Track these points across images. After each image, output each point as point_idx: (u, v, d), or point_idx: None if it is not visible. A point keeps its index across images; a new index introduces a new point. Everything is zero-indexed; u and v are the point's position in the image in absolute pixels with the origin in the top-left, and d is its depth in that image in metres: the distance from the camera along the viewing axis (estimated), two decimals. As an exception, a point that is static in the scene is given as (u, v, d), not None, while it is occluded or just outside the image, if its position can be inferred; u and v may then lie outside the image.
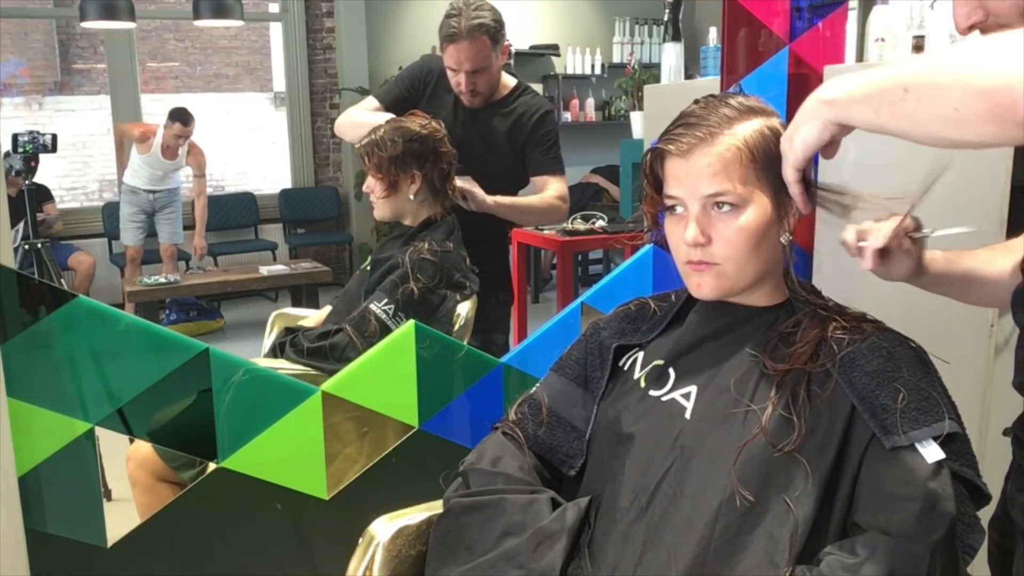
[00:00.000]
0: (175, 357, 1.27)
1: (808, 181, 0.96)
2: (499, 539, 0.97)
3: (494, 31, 2.10)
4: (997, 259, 1.07)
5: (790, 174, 0.93)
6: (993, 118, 0.64)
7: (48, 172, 5.01)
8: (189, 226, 5.25)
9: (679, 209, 0.99)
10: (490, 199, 2.10)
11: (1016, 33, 0.64)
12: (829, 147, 0.91)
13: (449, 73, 2.15)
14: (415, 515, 1.11)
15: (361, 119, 2.17)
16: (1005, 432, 1.02)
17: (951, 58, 0.69)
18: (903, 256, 1.02)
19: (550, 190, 2.25)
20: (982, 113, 0.65)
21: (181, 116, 4.96)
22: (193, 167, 5.13)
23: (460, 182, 2.05)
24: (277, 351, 1.93)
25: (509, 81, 2.27)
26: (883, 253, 1.02)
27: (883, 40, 1.96)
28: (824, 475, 0.89)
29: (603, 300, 1.54)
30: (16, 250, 3.37)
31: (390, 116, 2.08)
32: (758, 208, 0.96)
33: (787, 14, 1.40)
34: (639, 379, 1.06)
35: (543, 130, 2.25)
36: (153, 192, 5.10)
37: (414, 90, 2.25)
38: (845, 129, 0.86)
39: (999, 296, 1.08)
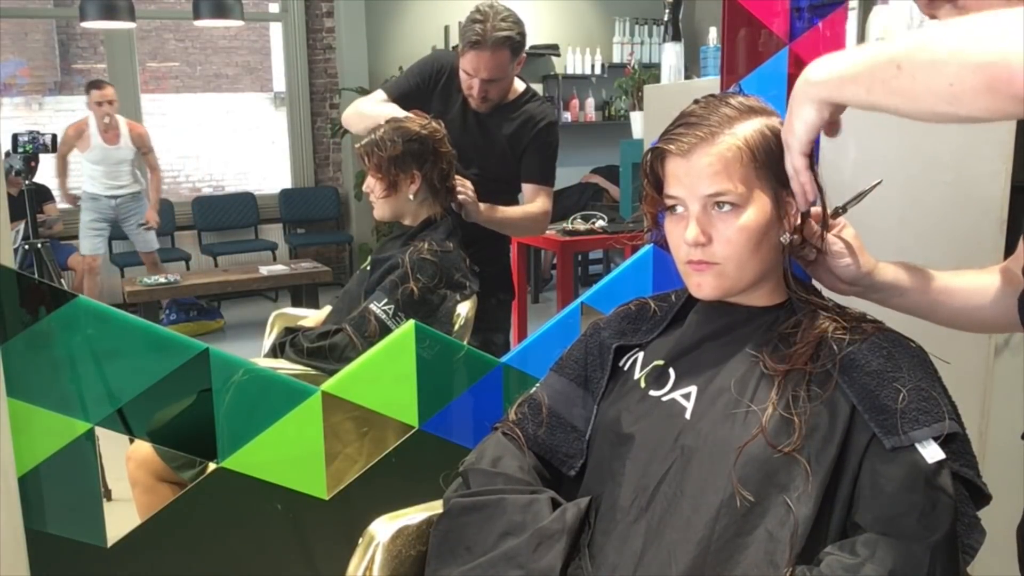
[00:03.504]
0: (175, 357, 1.27)
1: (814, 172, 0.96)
2: (499, 539, 0.97)
3: (517, 45, 2.10)
4: (966, 275, 1.06)
5: (798, 160, 0.92)
6: (989, 92, 0.65)
7: (48, 172, 5.01)
8: (163, 232, 5.22)
9: (679, 209, 0.99)
10: (482, 208, 2.10)
11: (1014, 9, 0.64)
12: (830, 127, 0.90)
13: (463, 75, 2.15)
14: (415, 515, 1.11)
15: (368, 111, 2.17)
16: None
17: (946, 34, 0.69)
18: (835, 257, 1.04)
19: (537, 203, 2.27)
20: (978, 87, 0.65)
21: (94, 83, 4.87)
22: (139, 145, 5.02)
23: (460, 193, 2.04)
24: (277, 351, 1.93)
25: (518, 86, 2.28)
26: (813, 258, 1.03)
27: (883, 40, 1.95)
28: (824, 475, 0.89)
29: (603, 300, 1.54)
30: (16, 250, 3.38)
31: (396, 109, 2.08)
32: (758, 208, 0.96)
33: (787, 14, 1.39)
34: (639, 379, 1.06)
35: (546, 139, 2.25)
36: (115, 197, 5.03)
37: (424, 85, 2.25)
38: (840, 107, 0.86)
39: (966, 316, 1.05)
